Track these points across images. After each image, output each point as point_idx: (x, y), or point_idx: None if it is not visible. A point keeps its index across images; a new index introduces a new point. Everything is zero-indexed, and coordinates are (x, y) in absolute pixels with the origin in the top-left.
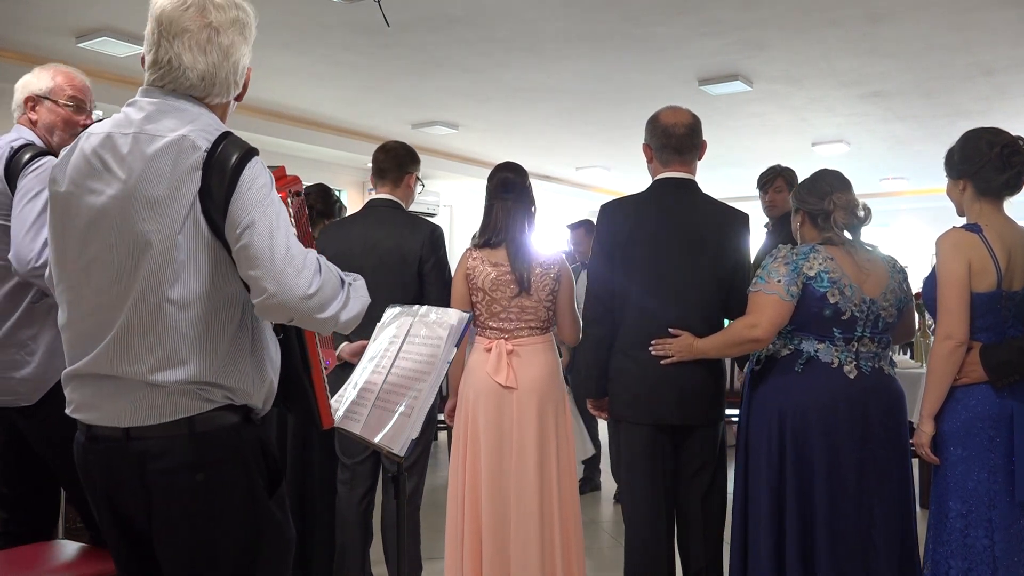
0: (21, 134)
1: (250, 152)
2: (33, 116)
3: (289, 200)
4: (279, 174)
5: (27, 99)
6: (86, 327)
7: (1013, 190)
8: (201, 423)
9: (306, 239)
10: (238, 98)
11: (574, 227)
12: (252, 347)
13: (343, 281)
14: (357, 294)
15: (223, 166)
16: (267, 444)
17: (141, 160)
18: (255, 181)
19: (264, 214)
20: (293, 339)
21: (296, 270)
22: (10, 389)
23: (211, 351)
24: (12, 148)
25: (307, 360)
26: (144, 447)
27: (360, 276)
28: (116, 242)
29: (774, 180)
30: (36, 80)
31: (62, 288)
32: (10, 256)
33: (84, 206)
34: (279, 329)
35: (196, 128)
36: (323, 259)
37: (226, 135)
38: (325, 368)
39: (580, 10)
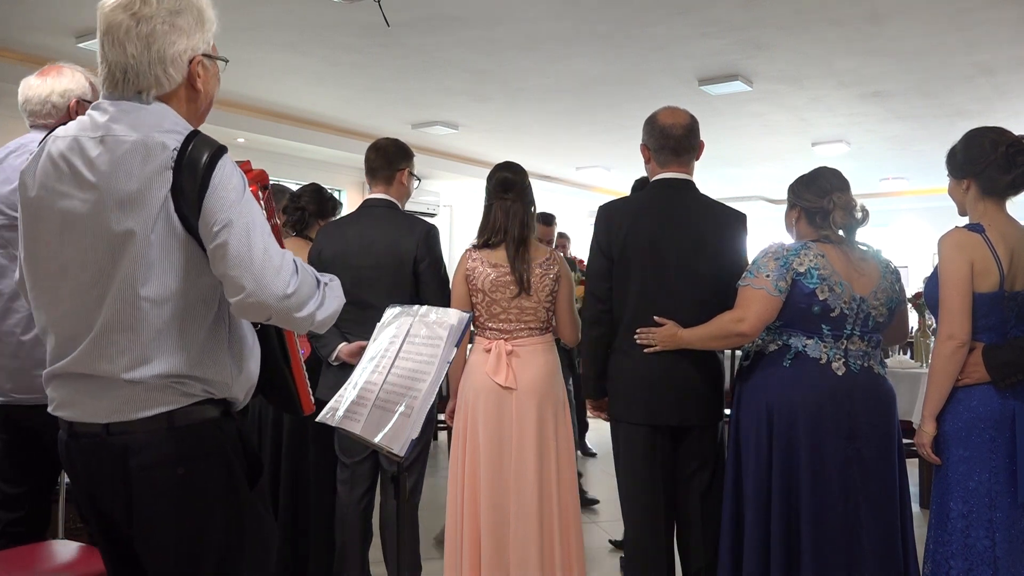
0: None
1: (220, 150)
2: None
3: (259, 193)
4: (244, 167)
5: (78, 102)
6: (66, 329)
7: (1017, 190)
8: (180, 417)
9: (275, 231)
10: (194, 90)
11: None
12: (230, 339)
13: (319, 281)
14: (333, 294)
15: (194, 166)
16: (246, 437)
17: (110, 162)
18: (229, 180)
19: (240, 214)
20: (271, 328)
21: (274, 270)
22: (37, 387)
23: (187, 345)
24: None
25: (285, 349)
26: (124, 442)
27: (336, 277)
28: (92, 245)
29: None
30: (74, 83)
31: (37, 292)
32: None
33: (56, 210)
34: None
35: (162, 128)
36: (299, 260)
37: (195, 134)
38: (301, 355)
39: (580, 10)
